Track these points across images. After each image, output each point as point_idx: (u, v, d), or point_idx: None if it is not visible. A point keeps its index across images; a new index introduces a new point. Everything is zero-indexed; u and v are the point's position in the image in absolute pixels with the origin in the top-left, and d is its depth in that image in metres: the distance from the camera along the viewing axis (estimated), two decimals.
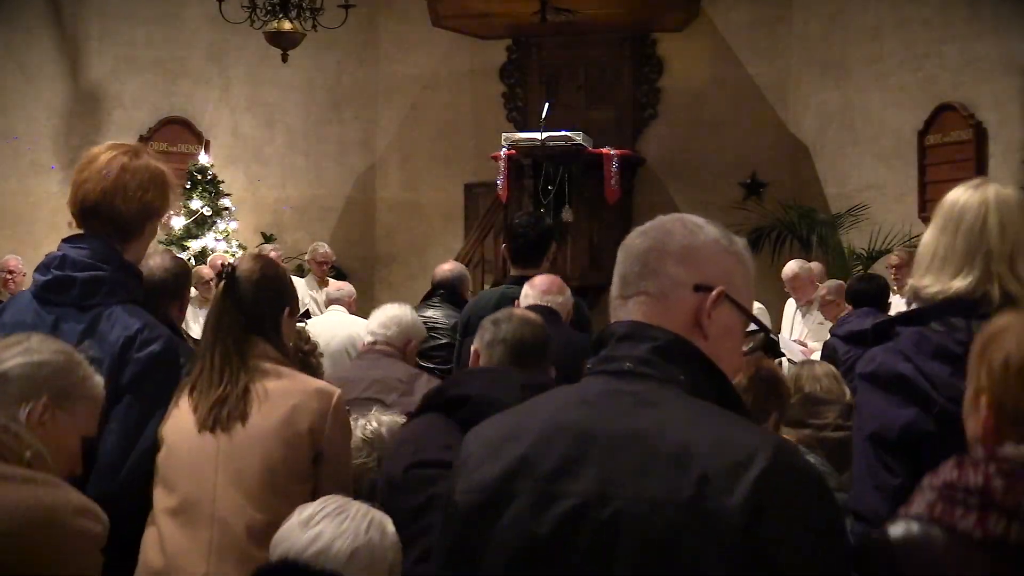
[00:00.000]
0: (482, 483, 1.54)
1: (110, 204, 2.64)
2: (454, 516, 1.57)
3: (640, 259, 1.63)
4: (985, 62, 9.02)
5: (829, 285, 7.09)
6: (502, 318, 2.83)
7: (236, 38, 10.19)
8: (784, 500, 1.39)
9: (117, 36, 10.44)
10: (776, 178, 10.59)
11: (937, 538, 1.56)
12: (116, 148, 2.73)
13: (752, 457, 1.40)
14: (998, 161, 8.90)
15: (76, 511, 1.91)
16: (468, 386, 2.59)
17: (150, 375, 2.55)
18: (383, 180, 11.67)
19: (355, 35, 10.80)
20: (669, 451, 1.43)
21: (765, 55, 10.70)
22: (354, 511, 2.05)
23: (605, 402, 1.52)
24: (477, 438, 1.62)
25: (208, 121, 10.84)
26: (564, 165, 8.92)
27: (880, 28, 9.86)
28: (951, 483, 1.60)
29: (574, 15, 9.73)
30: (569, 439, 1.50)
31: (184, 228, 9.83)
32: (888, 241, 9.05)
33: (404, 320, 4.30)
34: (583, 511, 1.45)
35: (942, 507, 1.59)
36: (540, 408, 1.60)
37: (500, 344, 2.76)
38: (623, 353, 1.56)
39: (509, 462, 1.53)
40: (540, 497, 1.49)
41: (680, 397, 1.51)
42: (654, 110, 11.01)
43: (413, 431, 2.67)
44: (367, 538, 2.01)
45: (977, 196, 2.11)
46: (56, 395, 2.12)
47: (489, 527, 1.52)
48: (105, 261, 2.61)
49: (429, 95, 11.47)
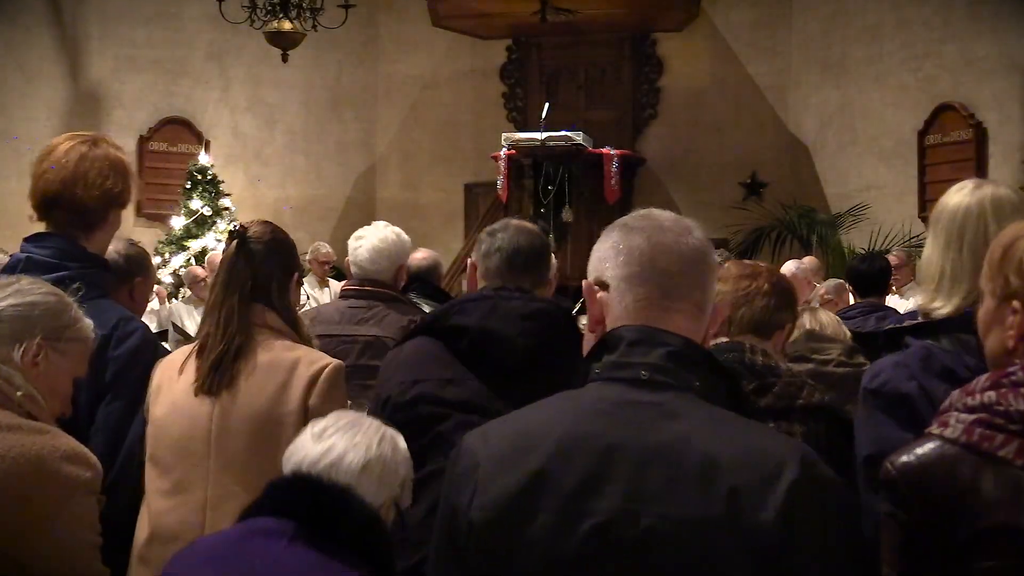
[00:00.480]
0: (499, 499, 1.47)
1: (71, 193, 2.62)
2: (469, 533, 1.49)
3: (690, 265, 1.57)
4: (985, 62, 9.03)
5: (828, 284, 7.09)
6: (498, 228, 2.70)
7: (236, 38, 10.19)
8: (816, 511, 1.39)
9: (117, 36, 10.44)
10: (776, 178, 10.59)
11: (972, 463, 1.53)
12: (74, 138, 2.72)
13: (780, 469, 1.39)
14: (998, 161, 8.90)
15: (64, 457, 1.91)
16: (467, 315, 2.52)
17: (131, 370, 2.56)
18: (383, 180, 11.68)
19: (355, 35, 10.81)
20: (696, 466, 1.40)
21: (765, 55, 10.71)
22: (367, 425, 2.04)
23: (625, 413, 1.47)
24: (486, 448, 1.54)
25: (208, 121, 10.85)
26: (564, 165, 8.92)
27: (880, 28, 9.86)
28: (989, 406, 1.55)
29: (574, 15, 9.73)
30: (591, 453, 1.45)
31: (184, 228, 9.83)
32: (888, 241, 9.05)
33: (392, 247, 3.89)
34: (610, 530, 1.41)
35: (980, 432, 1.54)
36: (553, 417, 1.53)
37: (496, 254, 2.63)
38: (637, 360, 1.51)
39: (527, 476, 1.46)
40: (565, 515, 1.43)
41: (700, 407, 1.48)
42: (654, 110, 11.01)
43: (409, 358, 2.58)
44: (379, 451, 1.99)
45: (976, 204, 2.09)
46: (49, 336, 2.11)
47: (510, 546, 1.46)
48: (70, 259, 2.59)
49: (429, 95, 11.48)
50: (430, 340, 2.57)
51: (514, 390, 2.33)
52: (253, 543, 1.84)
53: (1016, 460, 1.50)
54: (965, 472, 1.53)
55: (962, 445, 1.54)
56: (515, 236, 2.66)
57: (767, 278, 2.53)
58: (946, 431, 1.57)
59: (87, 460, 1.96)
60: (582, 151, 9.01)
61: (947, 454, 1.55)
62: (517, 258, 2.63)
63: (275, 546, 1.82)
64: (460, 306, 2.59)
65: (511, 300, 2.52)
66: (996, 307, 1.64)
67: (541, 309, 2.52)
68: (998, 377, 1.57)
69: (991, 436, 1.53)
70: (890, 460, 1.60)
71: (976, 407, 1.56)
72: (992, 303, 1.66)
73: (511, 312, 2.48)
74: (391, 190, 11.54)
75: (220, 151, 10.63)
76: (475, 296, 2.59)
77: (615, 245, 1.60)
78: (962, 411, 1.58)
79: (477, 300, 2.56)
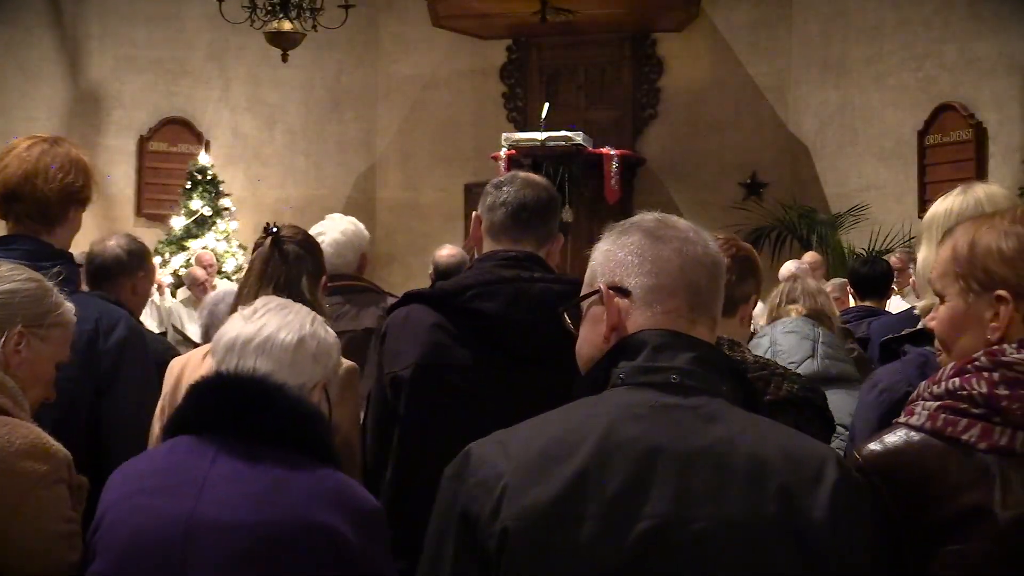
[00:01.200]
0: (536, 507, 1.41)
1: (32, 186, 2.65)
2: (504, 542, 1.42)
3: (710, 278, 1.59)
4: (985, 62, 9.02)
5: (834, 283, 7.10)
6: (505, 180, 2.60)
7: (236, 38, 10.19)
8: (856, 508, 1.43)
9: (117, 36, 10.44)
10: (776, 178, 10.58)
11: (938, 449, 1.55)
12: (36, 138, 2.77)
13: (823, 468, 1.42)
14: (998, 161, 8.90)
15: (20, 453, 1.89)
16: (490, 300, 2.40)
17: (126, 359, 2.60)
18: (383, 180, 11.68)
19: (355, 35, 10.80)
20: (744, 467, 1.41)
21: (765, 55, 10.70)
22: (297, 308, 2.03)
23: (663, 417, 1.46)
24: (508, 456, 1.47)
25: (208, 121, 10.84)
26: (564, 165, 8.92)
27: (880, 28, 9.86)
28: (954, 392, 1.57)
29: (574, 15, 9.72)
30: (633, 457, 1.43)
31: (184, 228, 9.82)
32: (888, 241, 9.05)
33: (353, 238, 3.92)
34: (662, 534, 1.39)
35: (944, 418, 1.56)
36: (583, 422, 1.48)
37: (501, 208, 2.53)
38: (664, 364, 1.50)
39: (564, 483, 1.42)
40: (612, 520, 1.40)
41: (734, 410, 1.49)
42: (654, 110, 11.01)
43: (419, 330, 2.45)
44: (313, 329, 1.98)
45: (971, 204, 2.09)
46: (31, 323, 2.12)
47: (554, 553, 1.41)
48: (41, 258, 2.61)
49: (429, 95, 11.47)
50: (431, 311, 2.46)
51: (537, 377, 2.28)
52: (182, 465, 1.82)
53: (979, 443, 1.52)
54: (931, 457, 1.55)
55: (927, 431, 1.57)
56: (521, 189, 2.56)
57: (726, 251, 2.32)
58: (911, 419, 1.60)
59: (45, 452, 1.93)
60: (582, 151, 9.01)
61: (913, 441, 1.58)
62: (523, 213, 2.53)
63: (203, 464, 1.81)
64: (481, 288, 2.44)
65: (534, 283, 2.43)
66: (970, 304, 1.63)
67: (566, 292, 2.37)
68: (963, 364, 1.59)
69: (955, 421, 1.55)
70: (857, 449, 1.64)
71: (941, 394, 1.58)
72: (962, 302, 1.64)
73: (537, 297, 2.39)
74: (391, 190, 11.54)
75: (220, 151, 10.63)
76: (495, 278, 2.45)
77: (639, 252, 1.58)
78: (928, 399, 1.60)
79: (499, 283, 2.44)
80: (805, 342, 3.27)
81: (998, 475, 1.51)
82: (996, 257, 1.61)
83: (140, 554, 1.78)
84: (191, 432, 1.86)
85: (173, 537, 1.76)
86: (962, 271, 1.63)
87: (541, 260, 2.53)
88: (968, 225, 1.68)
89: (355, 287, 3.81)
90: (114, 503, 1.86)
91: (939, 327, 1.70)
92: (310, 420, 1.88)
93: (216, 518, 1.76)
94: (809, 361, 3.21)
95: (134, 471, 1.90)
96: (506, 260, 2.49)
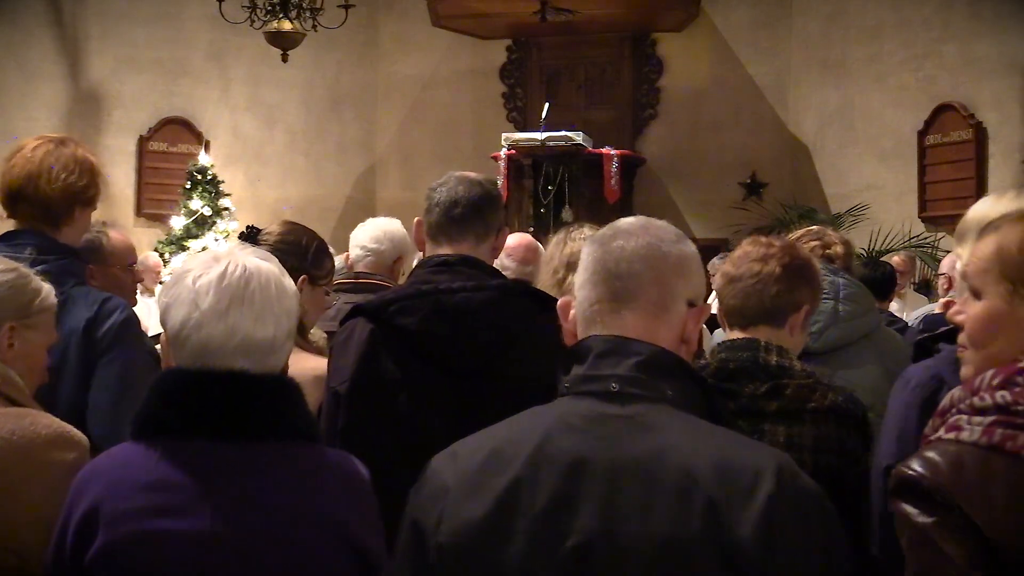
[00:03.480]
0: (469, 524, 1.43)
1: (35, 185, 2.67)
2: (440, 557, 1.44)
3: (640, 263, 1.53)
4: (985, 62, 9.02)
5: None
6: (441, 181, 2.62)
7: (236, 38, 10.18)
8: (793, 525, 1.35)
9: (117, 36, 10.43)
10: (776, 178, 10.58)
11: (999, 465, 1.45)
12: (43, 138, 2.79)
13: (757, 481, 1.36)
14: (998, 161, 8.89)
15: (48, 443, 1.90)
16: (408, 315, 2.40)
17: (126, 333, 2.62)
18: (383, 180, 11.68)
19: (355, 35, 10.80)
20: (672, 480, 1.37)
21: (765, 55, 10.70)
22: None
23: (595, 428, 1.43)
24: (452, 468, 1.49)
25: (208, 121, 10.84)
26: (564, 165, 8.92)
27: (880, 28, 9.85)
28: (1006, 407, 1.48)
29: (574, 15, 9.72)
30: (561, 470, 1.41)
31: (184, 228, 9.82)
32: (888, 241, 9.04)
33: (396, 233, 3.90)
34: (589, 549, 1.37)
35: (1001, 433, 1.46)
36: (521, 435, 1.47)
37: (436, 208, 2.55)
38: (606, 372, 1.47)
39: (496, 498, 1.42)
40: (540, 537, 1.39)
41: (674, 417, 1.44)
42: (654, 110, 11.00)
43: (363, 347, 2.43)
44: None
45: (1016, 208, 2.06)
46: (18, 315, 2.12)
47: (486, 571, 1.42)
48: (46, 252, 2.63)
49: (429, 95, 11.47)
50: (369, 325, 2.44)
51: (467, 388, 2.32)
52: (185, 479, 1.71)
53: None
54: (990, 471, 1.46)
55: (983, 447, 1.47)
56: (454, 187, 2.56)
57: (779, 260, 2.35)
58: (962, 435, 1.50)
59: (71, 440, 1.94)
60: (582, 151, 9.00)
61: (968, 455, 1.48)
62: (454, 209, 2.51)
63: (204, 475, 1.71)
64: (402, 303, 2.42)
65: (454, 294, 2.40)
66: (1014, 308, 1.55)
67: (487, 300, 2.40)
68: (1008, 374, 1.51)
69: (1013, 436, 1.46)
70: (906, 465, 1.53)
71: (989, 408, 1.50)
72: (1003, 303, 1.56)
73: (455, 309, 2.37)
74: (391, 190, 11.53)
75: (220, 151, 10.63)
76: (413, 292, 2.45)
77: (584, 259, 1.60)
78: (972, 413, 1.51)
79: (417, 297, 2.43)
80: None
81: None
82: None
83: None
84: (174, 434, 1.74)
85: (200, 562, 1.68)
86: (1009, 273, 1.56)
87: (475, 261, 2.49)
88: (1017, 224, 1.59)
89: (357, 285, 3.80)
90: (110, 522, 1.70)
91: (972, 324, 1.62)
92: (291, 404, 1.79)
93: (234, 535, 1.70)
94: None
95: (124, 480, 1.73)
96: (436, 267, 2.48)
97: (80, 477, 1.78)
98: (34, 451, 1.89)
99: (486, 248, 2.55)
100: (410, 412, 2.37)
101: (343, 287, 3.78)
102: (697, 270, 1.61)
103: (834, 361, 2.83)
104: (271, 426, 1.76)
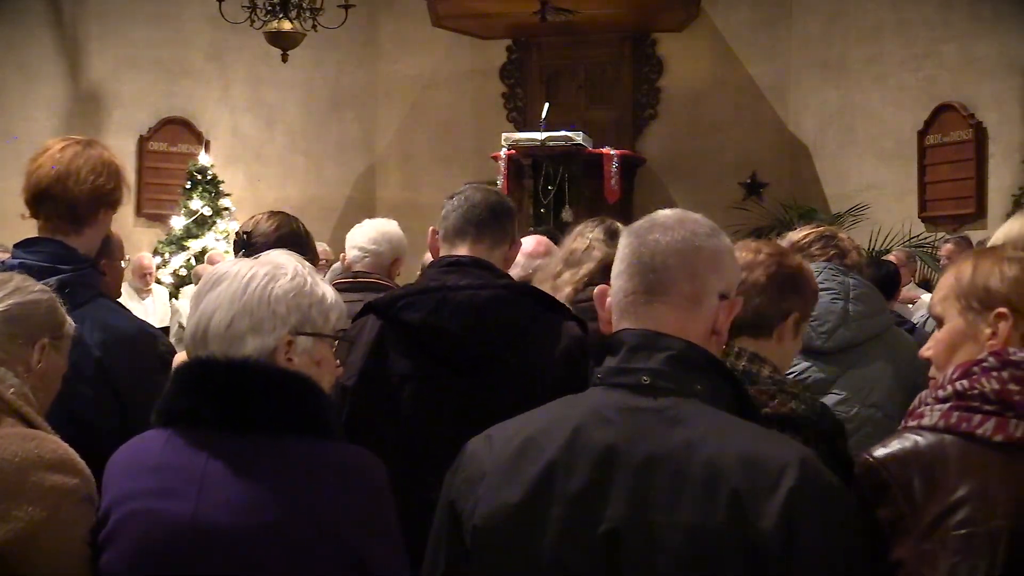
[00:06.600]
0: (506, 508, 1.49)
1: (63, 186, 2.66)
2: (475, 539, 1.51)
3: (675, 257, 1.57)
4: (985, 62, 9.02)
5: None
6: (459, 191, 2.70)
7: (236, 38, 10.18)
8: (813, 519, 1.38)
9: (117, 36, 10.43)
10: (776, 178, 10.59)
11: (951, 446, 1.59)
12: (69, 140, 2.77)
13: (781, 475, 1.39)
14: (998, 161, 8.90)
15: (49, 466, 1.88)
16: (414, 311, 2.46)
17: (140, 360, 2.60)
18: (383, 180, 11.68)
19: (355, 35, 10.80)
20: (699, 472, 1.41)
21: (765, 55, 10.70)
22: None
23: (627, 420, 1.48)
24: (489, 454, 1.55)
25: (208, 121, 10.84)
26: (564, 165, 8.91)
27: (880, 28, 9.86)
28: (963, 392, 1.62)
29: (574, 15, 9.72)
30: (593, 459, 1.46)
31: (184, 228, 9.82)
32: (888, 241, 9.05)
33: (393, 235, 3.94)
34: (619, 537, 1.42)
35: (958, 415, 1.61)
36: (555, 423, 1.53)
37: (454, 212, 2.63)
38: (638, 365, 1.51)
39: (531, 484, 1.48)
40: (572, 523, 1.44)
41: (703, 412, 1.48)
42: (654, 110, 11.01)
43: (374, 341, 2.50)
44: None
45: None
46: (52, 334, 2.13)
47: (518, 555, 1.47)
48: (62, 262, 2.61)
49: (429, 95, 11.48)
50: (378, 322, 2.51)
51: (471, 383, 2.37)
52: (179, 463, 1.78)
53: (995, 436, 1.58)
54: (945, 451, 1.59)
55: (941, 430, 1.62)
56: (472, 194, 2.65)
57: (765, 269, 2.20)
58: (923, 421, 1.65)
59: (74, 467, 1.92)
60: (582, 151, 9.00)
61: (926, 439, 1.62)
62: (474, 211, 2.59)
63: (198, 462, 1.76)
64: (410, 298, 2.50)
65: (460, 291, 2.45)
66: (969, 322, 1.72)
67: (493, 298, 2.44)
68: (967, 367, 1.66)
69: (968, 417, 1.61)
70: (868, 453, 1.66)
71: (949, 396, 1.64)
72: (961, 320, 1.73)
73: (460, 305, 2.42)
74: (391, 190, 11.53)
75: (220, 151, 10.63)
76: (422, 288, 2.51)
77: (621, 252, 1.63)
78: (934, 403, 1.66)
79: (424, 293, 2.49)
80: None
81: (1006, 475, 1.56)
82: (997, 277, 1.70)
83: (149, 562, 1.76)
84: (183, 424, 1.82)
85: (178, 544, 1.74)
86: (963, 292, 1.73)
87: (484, 263, 2.53)
88: (969, 254, 1.79)
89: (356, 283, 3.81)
90: (117, 501, 1.83)
91: (936, 348, 1.77)
92: (299, 397, 1.80)
93: (215, 522, 1.73)
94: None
95: (135, 462, 1.85)
96: (446, 266, 2.53)
97: (110, 461, 1.89)
98: (33, 473, 1.86)
99: (499, 254, 2.60)
100: (415, 407, 2.42)
101: (342, 286, 3.77)
102: (731, 263, 1.65)
103: (844, 361, 2.84)
104: (273, 418, 1.78)
